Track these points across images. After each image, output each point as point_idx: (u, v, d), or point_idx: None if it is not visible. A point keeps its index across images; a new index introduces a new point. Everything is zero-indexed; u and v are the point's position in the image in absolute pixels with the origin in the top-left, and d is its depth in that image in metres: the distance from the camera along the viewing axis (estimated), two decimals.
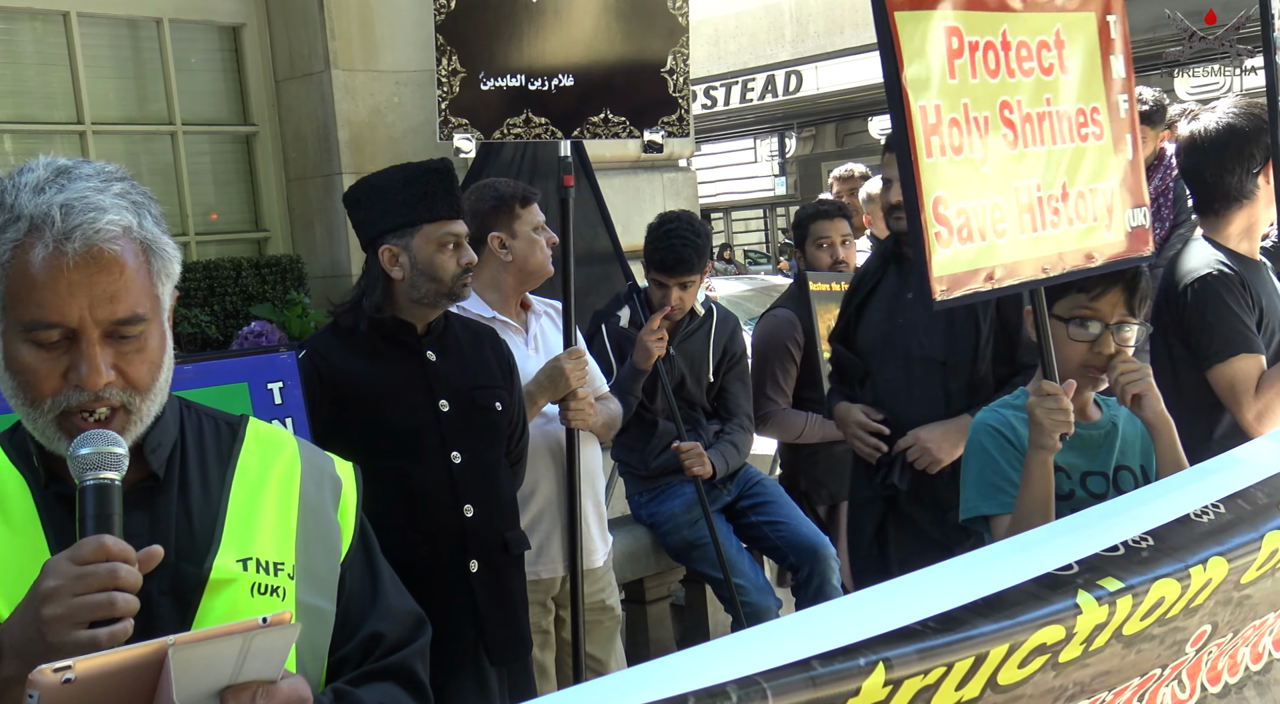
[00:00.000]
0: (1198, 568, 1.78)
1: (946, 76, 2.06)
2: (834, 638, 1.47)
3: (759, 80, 19.41)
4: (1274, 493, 1.96)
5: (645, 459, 3.91)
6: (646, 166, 5.10)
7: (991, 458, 2.31)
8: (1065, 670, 1.69)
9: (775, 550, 3.98)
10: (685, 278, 3.77)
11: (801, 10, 20.03)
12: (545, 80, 3.03)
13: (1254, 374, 2.66)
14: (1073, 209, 2.29)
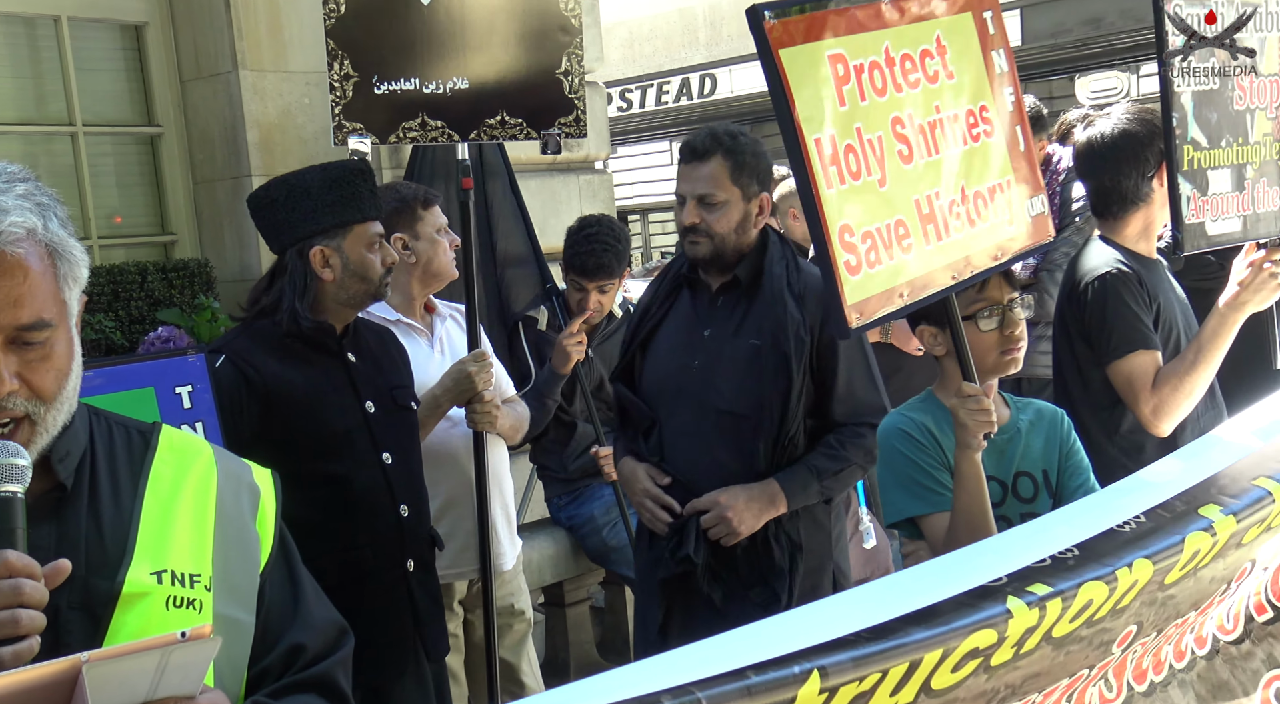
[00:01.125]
0: (1124, 570, 1.82)
1: (837, 105, 2.08)
2: (769, 649, 1.48)
3: (674, 83, 19.51)
4: (1192, 501, 2.03)
5: (564, 462, 3.90)
6: (563, 169, 5.09)
7: (910, 460, 2.35)
8: (997, 673, 1.72)
9: None
10: (604, 282, 3.78)
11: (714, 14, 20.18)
12: (440, 83, 3.01)
13: (1150, 370, 2.74)
14: (974, 210, 2.32)
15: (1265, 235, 2.72)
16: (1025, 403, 2.53)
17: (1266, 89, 2.74)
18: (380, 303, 3.06)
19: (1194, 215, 2.56)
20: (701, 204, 2.77)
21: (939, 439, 2.36)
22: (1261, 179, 2.71)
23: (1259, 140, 2.72)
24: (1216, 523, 1.97)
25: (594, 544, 3.95)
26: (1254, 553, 2.15)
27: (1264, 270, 2.64)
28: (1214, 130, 2.61)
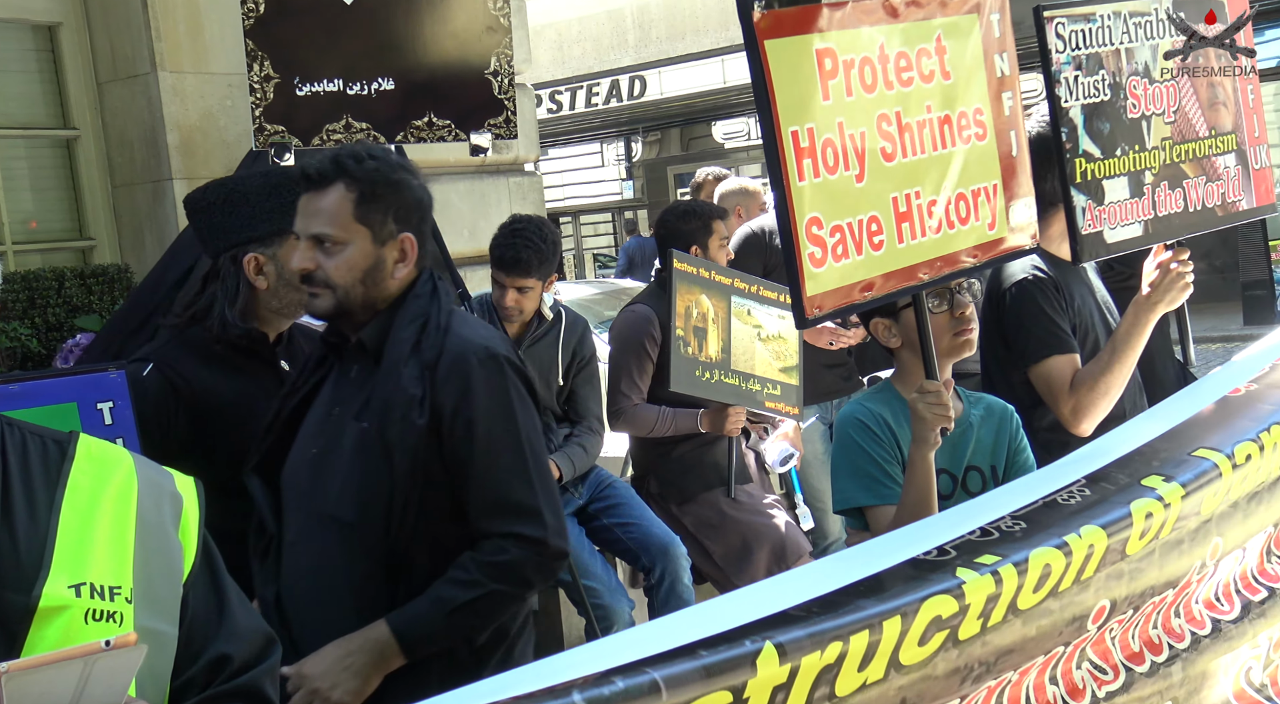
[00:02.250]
0: (1074, 537, 1.86)
1: (820, 99, 2.09)
2: (714, 626, 1.48)
3: (604, 85, 19.50)
4: (1133, 473, 2.09)
5: None
6: (491, 171, 5.08)
7: (863, 449, 2.38)
8: (966, 648, 1.74)
9: (627, 552, 4.01)
10: (521, 280, 3.75)
11: (644, 16, 20.21)
12: (364, 84, 2.98)
13: (1068, 373, 2.80)
14: (955, 211, 2.36)
15: (1170, 237, 2.79)
16: (977, 397, 2.58)
17: (1162, 95, 2.81)
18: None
19: (1090, 225, 2.62)
20: (319, 246, 2.21)
21: (895, 431, 2.40)
22: (1162, 183, 2.79)
23: (1157, 145, 2.79)
24: (1164, 492, 2.03)
25: None
26: (1224, 530, 2.21)
27: (1172, 271, 2.71)
28: (1107, 141, 2.67)
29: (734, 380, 3.93)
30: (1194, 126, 2.88)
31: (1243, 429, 2.26)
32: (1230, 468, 2.15)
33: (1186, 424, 2.28)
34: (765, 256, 4.92)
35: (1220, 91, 2.96)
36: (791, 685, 1.50)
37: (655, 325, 4.10)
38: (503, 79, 3.12)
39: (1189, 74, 2.87)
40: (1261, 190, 3.06)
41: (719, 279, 3.94)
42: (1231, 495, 2.18)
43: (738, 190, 5.51)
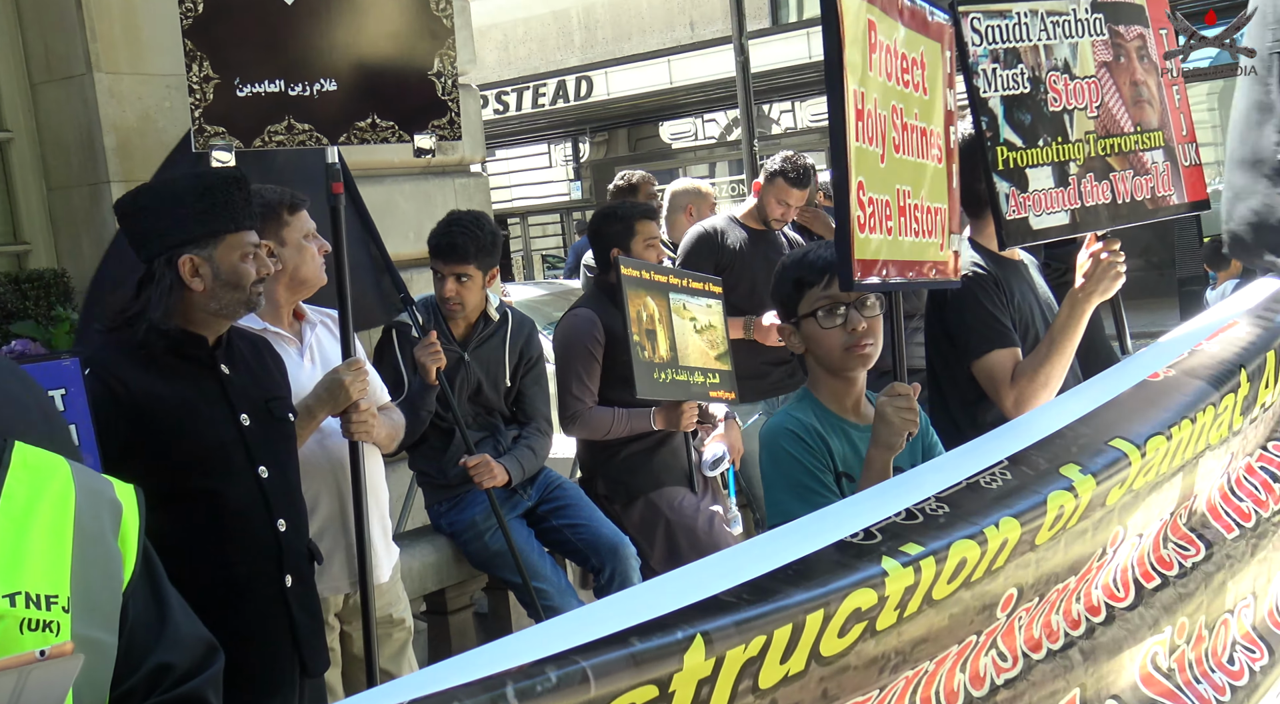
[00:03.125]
0: (991, 528, 1.88)
1: (868, 68, 2.16)
2: (648, 612, 1.47)
3: (550, 85, 19.48)
4: (1053, 458, 2.11)
5: (443, 468, 3.87)
6: (437, 172, 5.05)
7: (797, 460, 2.36)
8: (884, 638, 1.75)
9: (577, 553, 4.01)
10: (458, 266, 3.73)
11: (589, 17, 20.21)
12: (306, 85, 2.94)
13: (1009, 365, 2.86)
14: (926, 222, 2.42)
15: (1096, 227, 2.84)
16: None
17: (1085, 91, 2.88)
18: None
19: (1015, 212, 2.67)
20: None
21: (826, 440, 2.39)
22: (1088, 174, 2.85)
23: (1080, 138, 2.86)
24: (1077, 483, 2.06)
25: (476, 550, 3.92)
26: (1125, 519, 2.26)
27: (1103, 261, 2.76)
28: (1029, 131, 2.73)
29: (684, 376, 3.95)
30: (1119, 122, 2.95)
31: (1156, 420, 2.30)
32: (1139, 458, 2.19)
33: (1107, 409, 2.32)
34: (717, 256, 4.94)
35: (1145, 90, 3.03)
36: (716, 679, 1.50)
37: (598, 327, 4.11)
38: (446, 80, 3.10)
39: (1110, 72, 2.94)
40: (1192, 187, 3.13)
41: (657, 278, 3.96)
42: (1135, 485, 2.23)
43: (690, 190, 5.53)
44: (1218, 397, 2.47)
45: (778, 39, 17.21)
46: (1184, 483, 2.46)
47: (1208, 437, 2.46)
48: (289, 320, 3.16)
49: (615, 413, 4.09)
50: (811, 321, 2.38)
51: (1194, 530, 2.55)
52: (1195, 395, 2.44)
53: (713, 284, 4.22)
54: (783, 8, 18.76)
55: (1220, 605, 2.54)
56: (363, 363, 3.05)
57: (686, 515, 4.12)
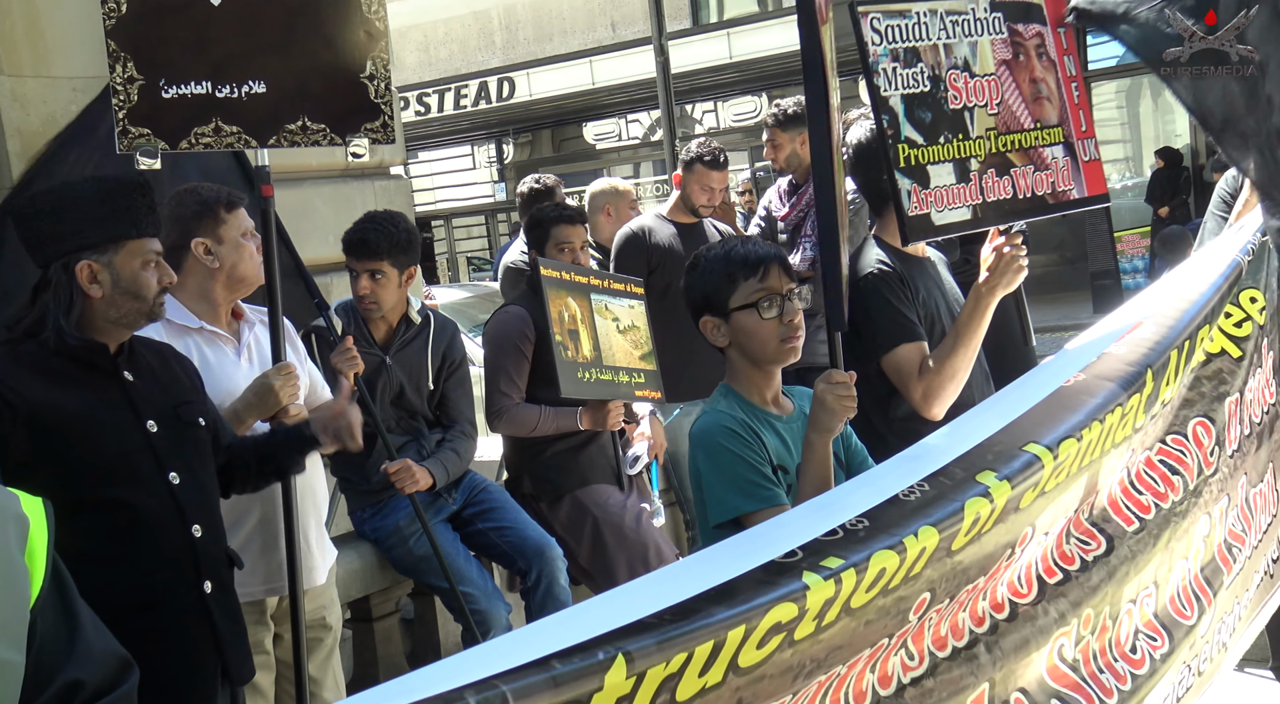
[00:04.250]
0: (910, 538, 1.92)
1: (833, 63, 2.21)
2: (573, 636, 1.50)
3: (472, 87, 19.36)
4: (970, 467, 2.16)
5: (366, 474, 3.83)
6: (356, 175, 4.99)
7: (737, 456, 2.36)
8: (800, 647, 1.78)
9: (503, 556, 4.00)
10: (371, 263, 3.71)
11: (510, 18, 20.12)
12: (234, 87, 2.90)
13: (916, 359, 2.91)
14: None
15: (1000, 222, 2.90)
16: (801, 392, 2.63)
17: (985, 88, 2.95)
18: (183, 311, 2.97)
19: (917, 208, 2.71)
20: None
21: (759, 434, 2.41)
22: (989, 170, 2.91)
23: (981, 135, 2.92)
24: (993, 488, 2.11)
25: (400, 555, 3.89)
26: (1034, 519, 2.31)
27: (1006, 254, 2.82)
28: (929, 129, 2.77)
29: (609, 376, 3.97)
30: (1018, 119, 3.01)
31: (1067, 423, 2.36)
32: (1052, 461, 2.25)
33: (1021, 415, 2.38)
34: (648, 254, 4.96)
35: (1044, 87, 3.10)
36: (635, 695, 1.53)
37: (530, 325, 4.10)
38: (380, 83, 3.07)
39: (1010, 70, 3.00)
40: (1092, 181, 3.21)
41: (578, 279, 3.97)
42: (1048, 488, 2.29)
43: (606, 190, 5.53)
44: (1125, 397, 2.55)
45: (698, 39, 17.30)
46: (1088, 480, 2.52)
47: (1114, 435, 2.53)
48: (227, 319, 3.12)
49: (542, 410, 4.09)
50: (748, 313, 2.39)
51: (1095, 525, 2.61)
52: (1104, 398, 2.50)
53: (634, 285, 4.24)
54: (703, 8, 18.86)
55: (1123, 596, 2.61)
56: (294, 367, 3.01)
57: (614, 513, 4.13)
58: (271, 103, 2.94)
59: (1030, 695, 2.31)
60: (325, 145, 3.07)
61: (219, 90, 2.89)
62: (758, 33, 16.95)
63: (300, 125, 3.00)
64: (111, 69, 2.77)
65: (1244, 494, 3.10)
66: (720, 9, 18.84)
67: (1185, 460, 2.88)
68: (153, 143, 2.83)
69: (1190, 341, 2.90)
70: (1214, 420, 2.99)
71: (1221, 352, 3.10)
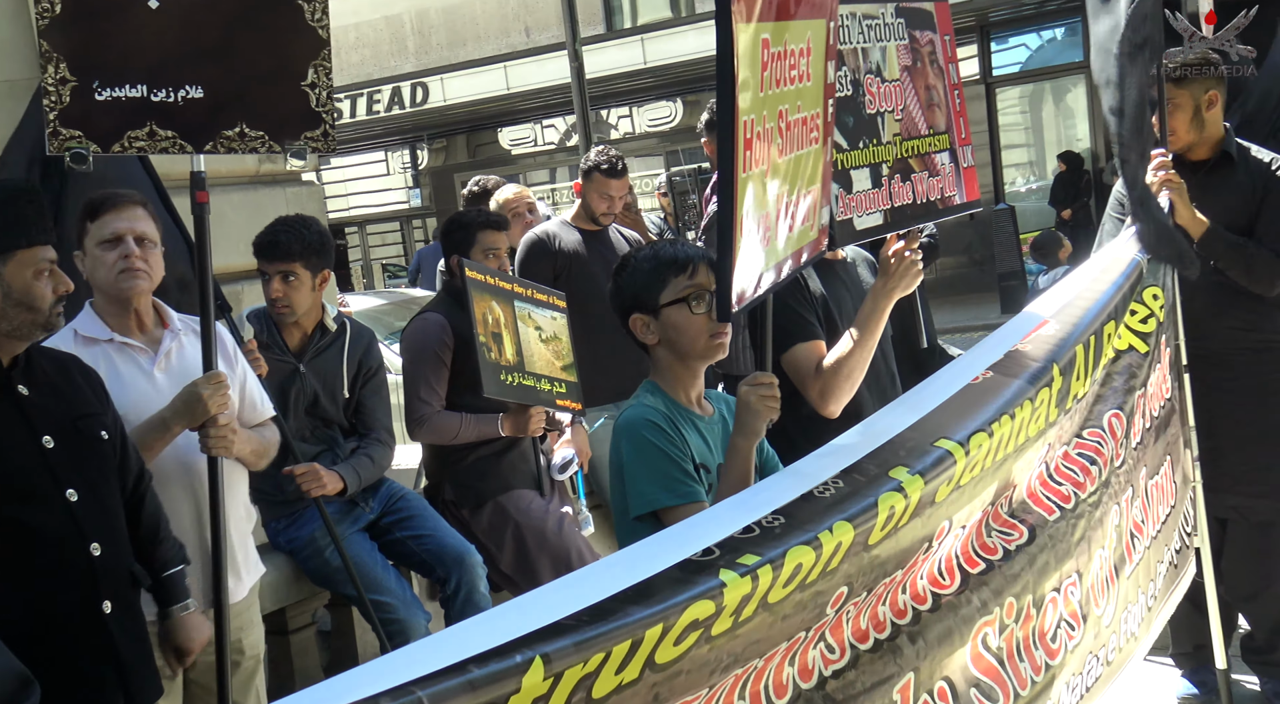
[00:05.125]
0: (825, 533, 1.94)
1: (758, 90, 2.13)
2: (490, 640, 1.49)
3: (385, 92, 19.15)
4: (883, 464, 2.19)
5: (280, 484, 3.77)
6: (267, 181, 4.92)
7: (661, 450, 2.38)
8: (718, 643, 1.79)
9: (422, 564, 3.96)
10: (283, 264, 3.66)
11: (423, 23, 19.95)
12: (171, 91, 2.83)
13: (813, 358, 2.96)
14: (801, 212, 2.45)
15: (903, 227, 2.95)
16: (719, 395, 2.66)
17: (893, 94, 3.00)
18: (95, 322, 2.91)
19: (843, 213, 2.74)
20: None
21: (683, 430, 2.43)
22: (896, 175, 2.96)
23: (890, 140, 2.97)
24: (906, 483, 2.14)
25: (316, 566, 3.83)
26: (950, 513, 2.36)
27: (905, 258, 2.88)
28: (851, 133, 2.80)
29: (531, 381, 3.96)
30: (917, 125, 3.07)
31: (978, 418, 2.43)
32: (964, 456, 2.30)
33: (931, 413, 2.43)
34: (554, 260, 4.95)
35: (935, 94, 3.17)
36: (551, 695, 1.53)
37: (448, 332, 4.08)
38: (321, 91, 3.01)
39: (910, 76, 3.06)
40: (970, 187, 3.30)
41: (502, 285, 3.96)
42: (962, 482, 2.34)
43: (512, 197, 5.52)
44: (1034, 392, 2.61)
45: (613, 45, 17.33)
46: (1003, 474, 2.58)
47: (1027, 430, 2.59)
48: (137, 329, 3.03)
49: (463, 418, 4.06)
50: (678, 309, 2.42)
51: (1015, 516, 2.68)
52: (1013, 393, 2.57)
53: (556, 298, 4.24)
54: (617, 14, 18.91)
55: (1046, 584, 2.68)
56: (224, 376, 2.94)
57: (535, 518, 4.12)
58: (209, 108, 2.88)
59: (954, 684, 2.36)
60: (264, 152, 3.01)
61: (155, 94, 2.82)
62: (672, 38, 17.04)
63: (238, 132, 2.94)
64: (43, 70, 2.71)
65: (1145, 485, 3.21)
66: (634, 15, 18.91)
67: (1102, 452, 2.97)
68: (84, 145, 2.76)
69: (1096, 338, 2.99)
70: (1125, 413, 3.10)
71: (1129, 348, 3.20)
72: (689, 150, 18.19)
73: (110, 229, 2.94)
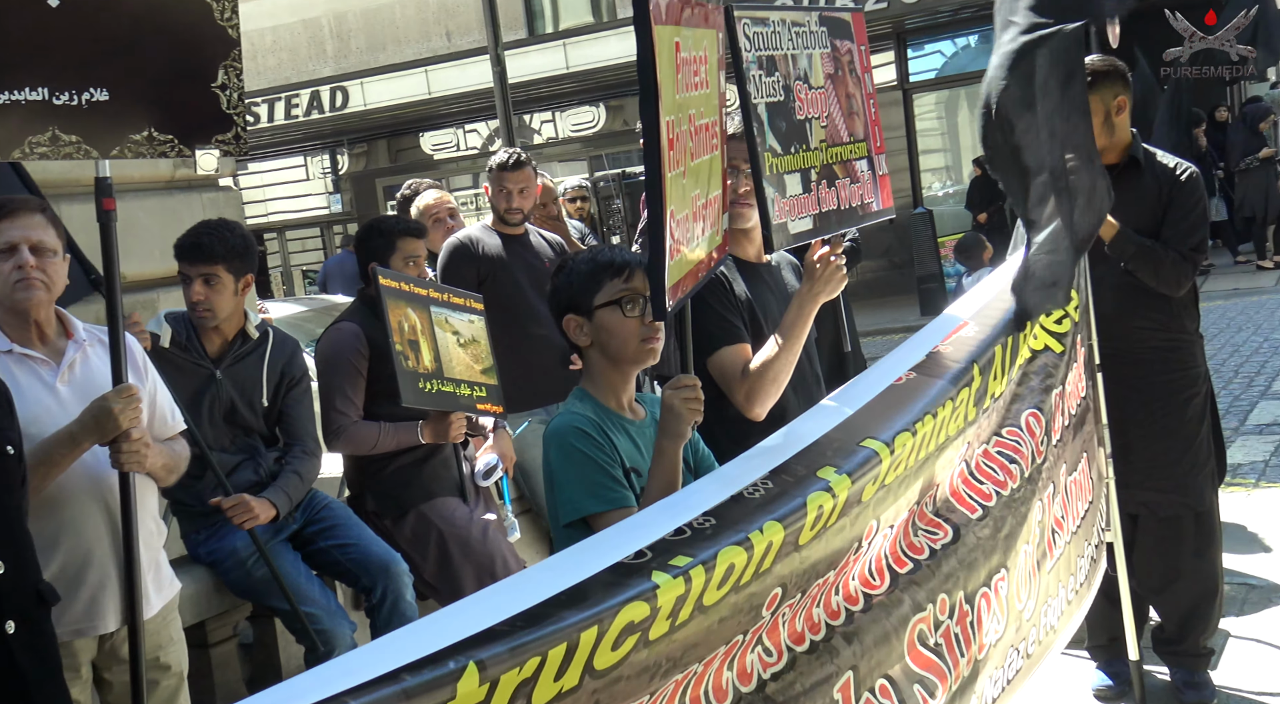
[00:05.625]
0: (756, 533, 1.96)
1: (675, 91, 2.18)
2: (421, 648, 1.48)
3: (304, 96, 18.86)
4: (810, 464, 2.23)
5: (200, 495, 3.69)
6: (183, 187, 4.82)
7: (589, 457, 2.39)
8: (656, 647, 1.79)
9: (347, 574, 3.91)
10: (205, 267, 3.58)
11: (341, 26, 19.72)
12: (74, 94, 2.72)
13: (739, 361, 2.98)
14: (711, 215, 2.49)
15: (829, 232, 2.99)
16: (653, 399, 2.67)
17: (819, 100, 3.04)
18: None
19: (778, 216, 2.76)
20: None
21: (611, 436, 2.44)
22: (822, 181, 3.00)
23: (817, 146, 3.01)
24: (834, 483, 2.17)
25: (238, 578, 3.76)
26: (878, 513, 2.39)
27: (831, 263, 2.91)
28: (784, 138, 2.82)
29: (450, 387, 3.93)
30: (840, 132, 3.12)
31: (902, 418, 2.48)
32: (889, 454, 2.35)
33: (856, 414, 2.47)
34: (477, 264, 4.92)
35: (855, 103, 3.22)
36: (489, 702, 1.52)
37: (364, 341, 4.03)
38: (232, 93, 2.93)
39: (833, 84, 3.10)
40: (885, 195, 3.36)
41: (417, 291, 3.92)
42: (888, 480, 2.38)
43: (433, 202, 5.48)
44: (955, 391, 2.67)
45: (535, 50, 17.29)
46: (926, 473, 2.63)
47: (947, 429, 2.64)
48: (38, 340, 2.94)
49: (381, 427, 4.02)
50: (611, 311, 2.44)
51: (940, 515, 2.73)
52: (935, 393, 2.62)
53: (474, 301, 4.21)
54: (539, 19, 18.87)
55: (977, 580, 2.73)
56: (135, 390, 2.85)
57: (459, 526, 4.09)
58: (115, 112, 2.78)
59: (895, 681, 2.39)
60: (173, 156, 2.92)
61: (57, 97, 2.71)
62: (594, 43, 17.05)
63: (146, 136, 2.85)
64: None
65: (1065, 482, 3.29)
66: (556, 20, 18.88)
67: (1021, 450, 3.03)
68: None
69: (1013, 338, 3.06)
70: (1044, 411, 3.17)
71: (1045, 348, 3.28)
72: (613, 155, 18.23)
73: (4, 238, 2.83)
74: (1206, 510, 3.95)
